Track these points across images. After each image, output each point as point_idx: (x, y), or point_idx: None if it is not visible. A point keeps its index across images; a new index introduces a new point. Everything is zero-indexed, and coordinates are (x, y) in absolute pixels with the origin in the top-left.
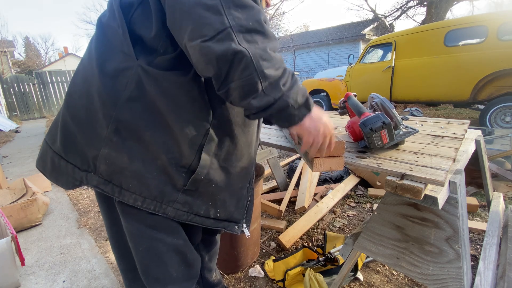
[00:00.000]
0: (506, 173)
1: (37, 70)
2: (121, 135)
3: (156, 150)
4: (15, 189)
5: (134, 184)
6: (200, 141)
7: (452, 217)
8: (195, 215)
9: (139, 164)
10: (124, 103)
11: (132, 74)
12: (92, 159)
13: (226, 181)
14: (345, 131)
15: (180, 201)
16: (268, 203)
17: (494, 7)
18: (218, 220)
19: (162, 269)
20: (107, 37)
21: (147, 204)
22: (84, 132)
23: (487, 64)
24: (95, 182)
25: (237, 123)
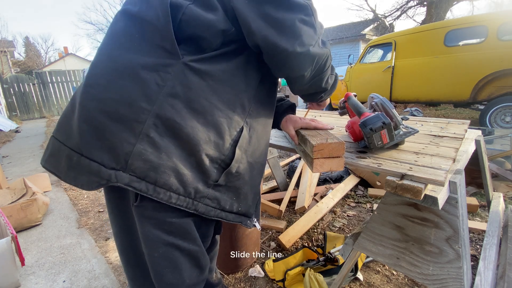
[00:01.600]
0: (506, 173)
1: (37, 70)
2: (158, 130)
3: (193, 147)
4: (15, 189)
5: (170, 180)
6: (235, 137)
7: (452, 217)
8: (221, 211)
9: (176, 160)
10: (164, 99)
11: (175, 70)
12: (124, 155)
13: (250, 175)
14: (345, 131)
15: (210, 197)
16: (268, 203)
17: (494, 7)
18: (238, 215)
19: (176, 275)
20: (143, 30)
21: (180, 202)
22: (115, 127)
23: (487, 64)
24: (126, 180)
25: (261, 122)
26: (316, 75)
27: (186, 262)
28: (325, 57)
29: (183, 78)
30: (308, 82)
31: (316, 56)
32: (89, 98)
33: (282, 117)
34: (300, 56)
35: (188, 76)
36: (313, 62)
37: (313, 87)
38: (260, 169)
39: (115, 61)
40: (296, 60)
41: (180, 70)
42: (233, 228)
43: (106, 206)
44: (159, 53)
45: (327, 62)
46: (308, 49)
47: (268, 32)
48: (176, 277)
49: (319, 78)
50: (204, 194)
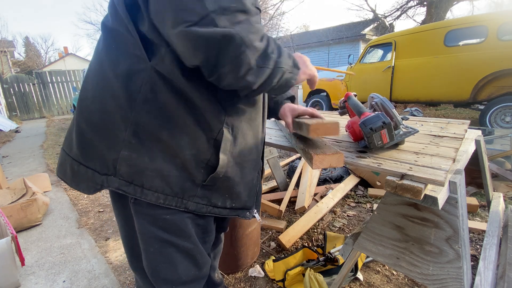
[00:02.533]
0: (506, 173)
1: (37, 70)
2: (139, 136)
3: (175, 148)
4: (15, 189)
5: (156, 182)
6: (215, 136)
7: (452, 217)
8: (213, 207)
9: (159, 163)
10: (140, 105)
11: (147, 76)
12: (112, 162)
13: (241, 175)
14: (345, 131)
15: (200, 195)
16: (268, 203)
17: (494, 7)
18: (233, 209)
19: (171, 271)
20: (116, 41)
21: (169, 201)
22: (101, 136)
23: (487, 64)
24: (116, 184)
25: (245, 119)
26: (217, 66)
27: (181, 259)
28: (220, 40)
29: (154, 84)
30: (210, 75)
31: (198, 39)
32: (80, 111)
33: (280, 106)
34: (178, 39)
35: (158, 80)
36: (197, 47)
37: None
38: (252, 164)
39: (97, 74)
40: (177, 42)
41: (151, 75)
42: (233, 228)
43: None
44: (133, 60)
45: (229, 48)
46: (183, 29)
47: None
48: (171, 273)
49: (224, 71)
50: (193, 193)
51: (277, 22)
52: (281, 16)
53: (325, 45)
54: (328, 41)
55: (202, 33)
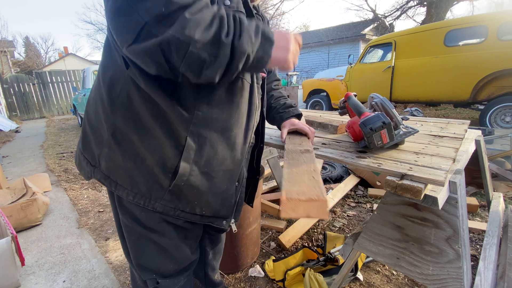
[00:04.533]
0: (506, 173)
1: (37, 70)
2: (116, 138)
3: (144, 152)
4: (15, 189)
5: (127, 180)
6: (182, 145)
7: (452, 217)
8: (181, 211)
9: (131, 163)
10: (118, 110)
11: (124, 83)
12: (97, 156)
13: (208, 185)
14: (345, 131)
15: (167, 199)
16: (268, 203)
17: (494, 7)
18: (204, 217)
19: (149, 261)
20: (108, 49)
21: (137, 199)
22: (93, 133)
23: (487, 64)
24: (99, 176)
25: (216, 129)
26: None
27: (157, 253)
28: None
29: (129, 90)
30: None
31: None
32: (85, 110)
33: (285, 120)
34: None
35: (131, 87)
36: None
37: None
38: (226, 175)
39: (97, 78)
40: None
41: (127, 82)
42: None
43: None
44: (115, 69)
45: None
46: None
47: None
48: (149, 263)
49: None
50: (160, 196)
51: (277, 22)
52: (281, 16)
53: (325, 45)
54: (328, 41)
55: (142, 48)
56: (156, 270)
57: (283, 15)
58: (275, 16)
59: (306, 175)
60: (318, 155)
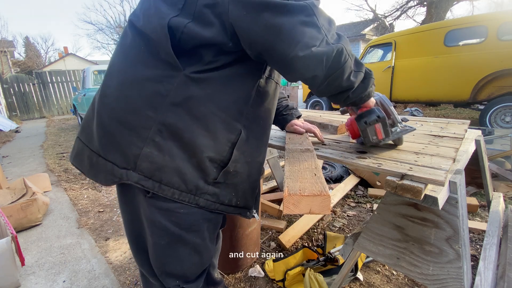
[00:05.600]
0: (506, 173)
1: (37, 70)
2: (163, 136)
3: (194, 149)
4: (15, 189)
5: (174, 179)
6: (233, 140)
7: (452, 217)
8: (220, 204)
9: (178, 162)
10: (167, 108)
11: (177, 82)
12: (133, 157)
13: (248, 173)
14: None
15: (210, 193)
16: (268, 203)
17: (494, 7)
18: (237, 208)
19: (177, 266)
20: (147, 45)
21: (183, 197)
22: (124, 132)
23: (487, 64)
24: (136, 178)
25: (259, 124)
26: (330, 74)
27: (188, 255)
28: (335, 53)
29: (184, 89)
30: (323, 82)
31: (322, 55)
32: (103, 107)
33: (288, 122)
34: (304, 59)
35: (189, 86)
36: (320, 62)
37: (333, 87)
38: (258, 167)
39: (124, 73)
40: (300, 64)
41: (182, 81)
42: (233, 228)
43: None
44: (163, 66)
45: (341, 58)
46: (311, 51)
47: (268, 40)
48: (177, 268)
49: (335, 77)
50: (204, 191)
51: None
52: None
53: None
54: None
55: (324, 50)
56: (182, 275)
57: None
58: None
59: (308, 172)
60: (318, 155)
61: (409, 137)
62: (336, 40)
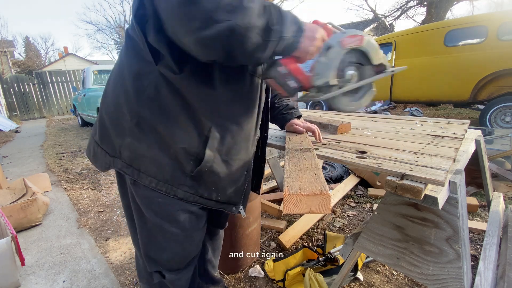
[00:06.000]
0: (506, 173)
1: (37, 70)
2: (141, 127)
3: (169, 140)
4: (15, 189)
5: (151, 168)
6: (205, 134)
7: (452, 217)
8: (199, 197)
9: (155, 151)
10: (144, 101)
11: (153, 77)
12: (118, 146)
13: (227, 172)
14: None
15: (188, 185)
16: (268, 203)
17: (494, 7)
18: (218, 202)
19: (159, 253)
20: (133, 47)
21: (160, 186)
22: (113, 124)
23: (487, 64)
24: (120, 165)
25: (236, 121)
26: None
27: (167, 244)
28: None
29: (158, 84)
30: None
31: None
32: (102, 104)
33: (288, 121)
34: (191, 45)
35: (162, 82)
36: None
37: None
38: (242, 165)
39: (117, 74)
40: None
41: (157, 77)
42: (233, 228)
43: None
44: (142, 64)
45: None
46: (196, 36)
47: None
48: (158, 255)
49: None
50: (182, 182)
51: None
52: None
53: None
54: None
55: (209, 34)
56: (164, 263)
57: None
58: None
59: (308, 172)
60: (318, 155)
61: (409, 137)
62: (228, 12)
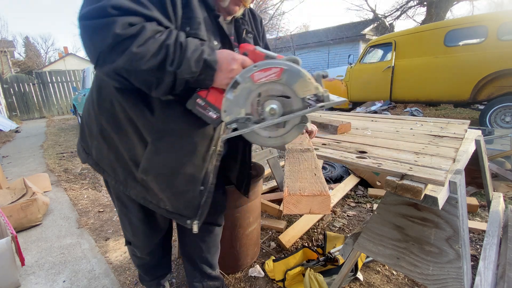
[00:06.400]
0: (506, 173)
1: (37, 70)
2: (103, 134)
3: (122, 149)
4: (15, 189)
5: (110, 169)
6: (143, 150)
7: (452, 217)
8: (150, 202)
9: (112, 156)
10: (103, 112)
11: (109, 91)
12: (90, 147)
13: (167, 184)
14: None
15: (138, 189)
16: (268, 203)
17: (494, 7)
18: (168, 212)
19: (128, 235)
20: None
21: (118, 185)
22: (88, 128)
23: (487, 64)
24: (91, 162)
25: (177, 136)
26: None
27: (132, 228)
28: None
29: (112, 97)
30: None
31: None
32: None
33: None
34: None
35: (115, 95)
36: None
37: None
38: (185, 178)
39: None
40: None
41: (112, 91)
42: (233, 227)
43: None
44: (102, 78)
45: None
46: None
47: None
48: (128, 237)
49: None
50: (133, 186)
51: (277, 22)
52: (281, 16)
53: (325, 45)
54: (328, 41)
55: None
56: (134, 243)
57: (283, 15)
58: (275, 16)
59: (308, 172)
60: (318, 155)
61: (409, 137)
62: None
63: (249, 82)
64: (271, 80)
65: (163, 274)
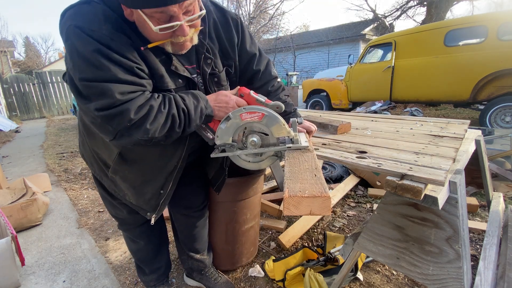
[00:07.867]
0: (506, 173)
1: (37, 70)
2: (84, 134)
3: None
4: (15, 189)
5: (90, 164)
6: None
7: (452, 217)
8: (118, 194)
9: (89, 154)
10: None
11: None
12: (81, 141)
13: (131, 185)
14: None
15: (108, 183)
16: (268, 203)
17: (494, 7)
18: (132, 204)
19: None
20: None
21: (97, 175)
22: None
23: (487, 64)
24: (80, 154)
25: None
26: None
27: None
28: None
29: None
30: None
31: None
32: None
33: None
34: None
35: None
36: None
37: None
38: (145, 183)
39: None
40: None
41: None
42: (228, 222)
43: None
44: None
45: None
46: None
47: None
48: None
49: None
50: (105, 180)
51: (277, 22)
52: (281, 16)
53: (325, 45)
54: (328, 41)
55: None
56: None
57: (283, 15)
58: (275, 16)
59: (308, 173)
60: (318, 155)
61: (409, 137)
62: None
63: (238, 119)
64: (254, 120)
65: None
